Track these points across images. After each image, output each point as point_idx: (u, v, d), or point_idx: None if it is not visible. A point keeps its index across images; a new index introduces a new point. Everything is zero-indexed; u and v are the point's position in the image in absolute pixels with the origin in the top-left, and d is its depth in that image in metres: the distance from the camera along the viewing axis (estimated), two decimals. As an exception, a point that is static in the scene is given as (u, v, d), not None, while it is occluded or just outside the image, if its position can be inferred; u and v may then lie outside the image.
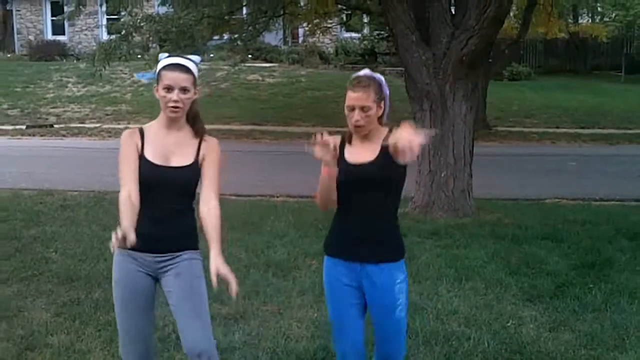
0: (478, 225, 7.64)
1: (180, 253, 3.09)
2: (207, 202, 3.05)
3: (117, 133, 17.46)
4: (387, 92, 3.14)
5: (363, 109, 3.01)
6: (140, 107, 20.13)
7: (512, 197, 9.43)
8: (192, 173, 3.10)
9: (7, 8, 34.33)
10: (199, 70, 3.17)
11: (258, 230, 7.31)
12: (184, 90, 3.02)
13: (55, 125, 18.45)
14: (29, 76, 24.36)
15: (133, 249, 2.82)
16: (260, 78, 23.05)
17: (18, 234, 7.18)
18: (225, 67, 22.05)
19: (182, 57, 3.13)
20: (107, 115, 19.56)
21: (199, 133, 3.18)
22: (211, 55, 20.45)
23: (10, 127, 18.24)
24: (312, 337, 4.48)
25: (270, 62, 26.09)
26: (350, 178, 3.07)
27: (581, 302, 5.17)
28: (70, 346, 4.32)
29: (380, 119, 3.13)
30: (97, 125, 18.54)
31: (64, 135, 17.26)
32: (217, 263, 2.91)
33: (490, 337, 4.43)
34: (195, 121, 3.20)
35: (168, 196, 3.06)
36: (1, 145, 15.56)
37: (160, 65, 3.09)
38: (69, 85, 23.03)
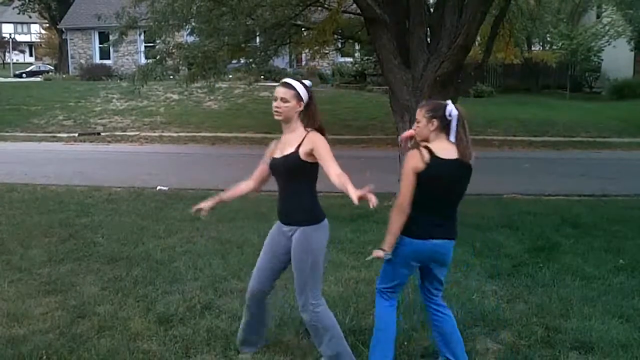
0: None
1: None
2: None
3: (153, 140, 17.48)
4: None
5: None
6: (171, 118, 20.13)
7: (476, 192, 9.37)
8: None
9: (63, 37, 34.38)
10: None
11: (267, 219, 7.27)
12: (284, 100, 3.44)
13: (102, 133, 18.44)
14: (81, 93, 24.35)
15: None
16: (270, 95, 22.98)
17: (71, 222, 7.19)
18: (242, 86, 22.04)
19: (296, 79, 3.58)
20: (145, 125, 19.55)
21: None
22: (230, 76, 20.40)
23: (65, 135, 18.24)
24: (312, 307, 4.47)
25: (279, 81, 26.08)
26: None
27: (533, 279, 5.18)
28: (114, 314, 4.33)
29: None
30: (137, 133, 18.53)
31: (109, 142, 17.26)
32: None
33: (458, 307, 4.42)
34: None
35: None
36: (58, 149, 15.56)
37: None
38: (113, 100, 23.02)
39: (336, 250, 5.96)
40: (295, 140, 3.43)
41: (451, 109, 3.41)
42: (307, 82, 3.55)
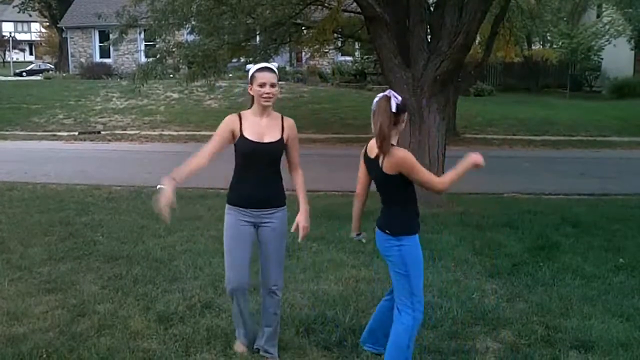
0: (448, 215, 7.64)
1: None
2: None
3: (153, 138, 17.48)
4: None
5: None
6: (171, 117, 20.12)
7: (476, 192, 9.40)
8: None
9: (63, 36, 34.37)
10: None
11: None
12: (272, 85, 3.40)
13: (102, 132, 18.43)
14: (81, 91, 24.34)
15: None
16: (270, 94, 23.00)
17: (71, 221, 7.18)
18: (242, 85, 22.03)
19: (268, 62, 3.50)
20: (145, 124, 19.54)
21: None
22: (230, 75, 20.39)
23: (65, 134, 18.24)
24: (312, 305, 4.48)
25: (279, 80, 25.99)
26: None
27: (533, 278, 5.17)
28: (114, 313, 4.33)
29: None
30: (137, 132, 18.51)
31: (109, 140, 17.25)
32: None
33: (458, 306, 4.43)
34: None
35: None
36: (58, 148, 15.55)
37: (252, 70, 3.43)
38: (114, 99, 23.00)
39: (336, 249, 5.96)
40: (275, 125, 3.49)
41: (374, 100, 3.32)
42: (274, 64, 3.59)
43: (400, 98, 3.29)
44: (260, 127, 3.44)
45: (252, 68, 3.47)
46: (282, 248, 3.61)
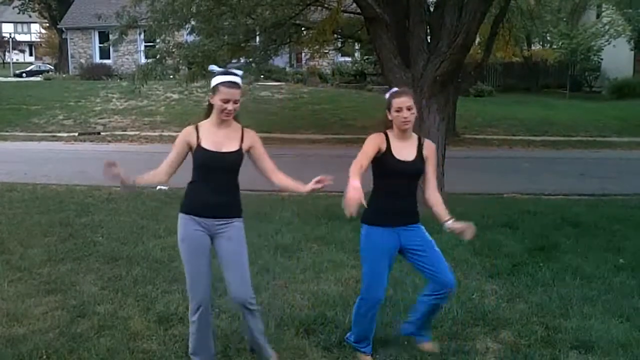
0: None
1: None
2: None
3: (153, 139, 17.47)
4: None
5: (409, 109, 3.49)
6: (171, 117, 20.14)
7: (476, 192, 9.41)
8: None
9: (63, 37, 34.39)
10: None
11: (268, 219, 7.30)
12: (235, 102, 3.29)
13: (102, 133, 18.44)
14: (81, 92, 24.35)
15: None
16: (270, 94, 23.05)
17: (71, 222, 7.18)
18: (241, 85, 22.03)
19: (233, 74, 3.31)
20: (145, 124, 19.55)
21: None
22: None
23: (65, 134, 18.25)
24: (312, 306, 4.47)
25: (279, 81, 26.07)
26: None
27: (533, 278, 5.17)
28: (114, 313, 4.32)
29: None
30: (137, 132, 18.52)
31: (109, 141, 17.25)
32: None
33: (458, 307, 4.42)
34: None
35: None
36: (58, 149, 15.56)
37: (218, 80, 3.28)
38: (113, 100, 23.02)
39: (336, 250, 5.96)
40: (234, 136, 3.38)
41: None
42: (239, 72, 3.39)
43: (388, 94, 3.65)
44: (219, 137, 3.33)
45: (216, 78, 3.29)
46: (243, 258, 3.44)
